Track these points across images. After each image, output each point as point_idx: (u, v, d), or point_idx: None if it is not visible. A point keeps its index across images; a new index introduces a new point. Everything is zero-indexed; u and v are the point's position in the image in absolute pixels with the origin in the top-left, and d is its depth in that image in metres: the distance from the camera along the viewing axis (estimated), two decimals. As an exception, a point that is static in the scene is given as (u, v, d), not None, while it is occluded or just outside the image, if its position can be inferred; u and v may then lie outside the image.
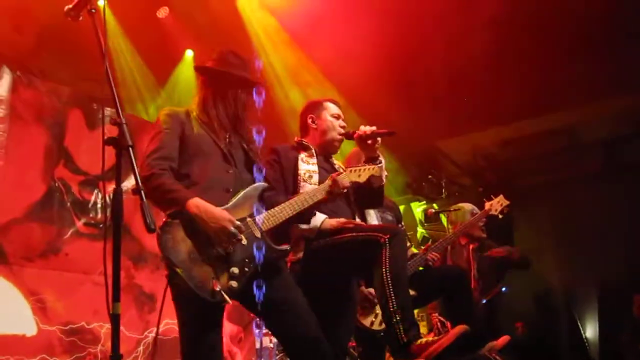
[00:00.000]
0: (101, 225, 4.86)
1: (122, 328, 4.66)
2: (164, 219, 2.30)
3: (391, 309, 2.69)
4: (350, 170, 3.00)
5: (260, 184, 2.59)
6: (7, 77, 4.40)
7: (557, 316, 7.66)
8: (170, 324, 4.75)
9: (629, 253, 6.72)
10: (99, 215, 4.88)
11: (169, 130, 2.52)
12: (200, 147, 2.54)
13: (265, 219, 2.51)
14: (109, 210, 4.94)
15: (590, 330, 7.47)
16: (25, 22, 4.72)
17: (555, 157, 7.05)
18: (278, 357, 5.42)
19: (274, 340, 5.37)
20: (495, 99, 6.13)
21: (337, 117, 3.32)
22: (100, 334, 4.61)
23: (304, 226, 2.97)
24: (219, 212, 2.35)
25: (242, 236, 2.38)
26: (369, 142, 3.08)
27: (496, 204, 4.44)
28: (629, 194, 6.76)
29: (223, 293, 2.24)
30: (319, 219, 3.00)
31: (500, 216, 4.46)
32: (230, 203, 2.45)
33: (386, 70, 5.81)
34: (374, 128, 3.13)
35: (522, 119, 6.52)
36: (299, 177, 3.09)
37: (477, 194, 7.36)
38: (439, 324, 4.64)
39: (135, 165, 2.03)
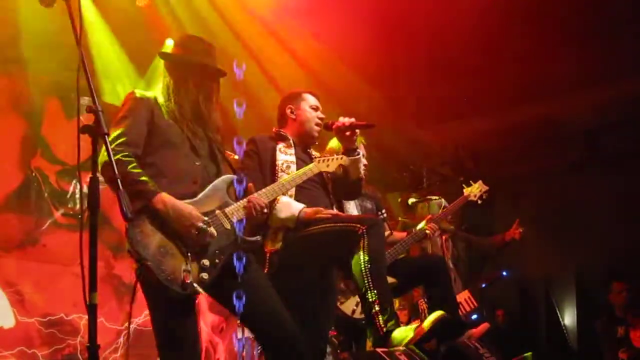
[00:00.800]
0: (79, 216, 4.81)
1: (101, 319, 4.65)
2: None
3: (370, 300, 2.73)
4: (319, 160, 3.03)
5: (228, 176, 2.59)
6: (-19, 66, 4.33)
7: (536, 304, 7.76)
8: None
9: (607, 242, 6.81)
10: (78, 206, 4.82)
11: (137, 115, 2.48)
12: (169, 137, 2.51)
13: (235, 210, 2.50)
14: (87, 200, 4.89)
15: (569, 318, 7.58)
16: (2, 11, 4.65)
17: (536, 147, 7.10)
18: (259, 347, 5.43)
19: (249, 331, 5.37)
20: (477, 89, 6.16)
21: (316, 109, 3.33)
22: (80, 326, 4.58)
23: (282, 215, 2.97)
24: (187, 209, 2.34)
25: (212, 229, 2.37)
26: (347, 133, 3.10)
27: (475, 190, 4.45)
28: (609, 183, 6.84)
29: (194, 285, 2.24)
30: (296, 207, 2.99)
31: (479, 202, 4.46)
32: (199, 196, 2.44)
33: (366, 60, 5.79)
34: (352, 120, 3.14)
35: (503, 109, 6.55)
36: (276, 167, 3.10)
37: (458, 184, 7.40)
38: (426, 310, 4.66)
39: (111, 153, 2.00)
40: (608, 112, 6.59)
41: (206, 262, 2.32)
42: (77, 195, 4.90)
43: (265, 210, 2.60)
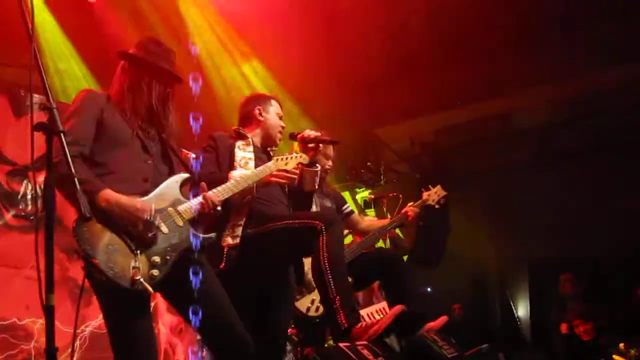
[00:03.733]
0: (32, 217, 4.66)
1: (56, 323, 4.50)
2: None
3: (331, 296, 2.75)
4: (278, 159, 3.03)
5: (182, 175, 2.57)
6: None
7: (491, 297, 7.95)
8: (107, 317, 4.64)
9: (557, 236, 7.03)
10: (29, 207, 4.68)
11: (85, 113, 2.43)
12: (119, 136, 2.47)
13: (187, 207, 2.48)
14: (39, 202, 4.75)
15: (522, 310, 7.80)
16: None
17: (489, 144, 7.27)
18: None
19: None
20: (432, 86, 6.26)
21: (280, 117, 3.41)
22: (34, 330, 4.44)
23: (242, 186, 2.92)
24: (130, 202, 2.29)
25: (163, 225, 2.35)
26: (311, 146, 3.12)
27: (433, 194, 4.45)
28: (560, 180, 7.07)
29: (143, 282, 2.20)
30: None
31: (437, 206, 4.52)
32: (150, 195, 2.41)
33: (324, 57, 5.81)
34: (318, 134, 3.17)
35: (458, 107, 6.68)
36: (235, 162, 3.09)
37: (414, 181, 7.53)
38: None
39: (67, 152, 1.95)
40: (560, 110, 6.79)
41: (157, 259, 2.29)
42: (29, 197, 4.75)
43: (219, 208, 2.57)
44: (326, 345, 3.94)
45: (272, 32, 5.62)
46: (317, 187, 3.31)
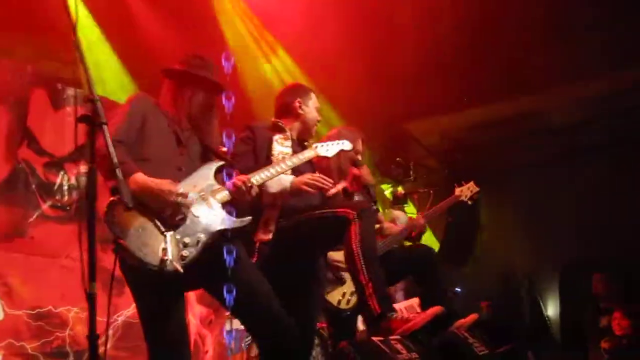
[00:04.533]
0: (68, 208, 4.77)
1: (90, 311, 4.56)
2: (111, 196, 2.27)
3: (363, 282, 2.78)
4: (318, 146, 3.03)
5: (214, 162, 2.60)
6: (-34, 55, 4.25)
7: (520, 296, 7.86)
8: (139, 306, 4.71)
9: (589, 235, 6.91)
10: (65, 198, 4.77)
11: (135, 107, 2.56)
12: (157, 130, 2.56)
13: (221, 190, 2.50)
14: (75, 192, 4.85)
15: (552, 309, 7.69)
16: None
17: (521, 141, 7.17)
18: (248, 338, 5.44)
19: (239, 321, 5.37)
20: (464, 82, 6.20)
21: (318, 111, 3.40)
22: (68, 318, 4.54)
23: (272, 191, 2.96)
24: (158, 184, 2.32)
25: (195, 207, 2.37)
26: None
27: (466, 190, 4.42)
28: (592, 178, 6.94)
29: (173, 262, 2.21)
30: (286, 180, 2.99)
31: (469, 202, 4.47)
32: (184, 181, 2.44)
33: (355, 51, 5.79)
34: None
35: (490, 102, 6.60)
36: (272, 157, 3.08)
37: (444, 177, 7.47)
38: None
39: (110, 143, 1.98)
40: (593, 106, 6.67)
41: (187, 240, 2.31)
42: (65, 187, 4.85)
43: (253, 189, 2.59)
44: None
45: (302, 25, 5.61)
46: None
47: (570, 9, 5.26)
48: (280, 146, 3.15)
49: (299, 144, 3.29)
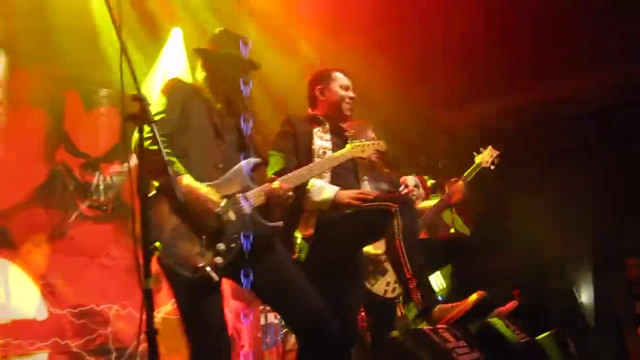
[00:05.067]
0: (104, 207, 4.85)
1: (130, 309, 4.67)
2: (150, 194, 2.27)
3: (407, 276, 2.75)
4: (354, 145, 3.01)
5: (252, 159, 2.58)
6: (2, 60, 4.33)
7: (553, 283, 7.79)
8: (177, 303, 4.77)
9: (622, 219, 6.83)
10: (102, 197, 4.85)
11: (173, 97, 2.53)
12: (196, 121, 2.53)
13: (256, 194, 2.49)
14: (111, 192, 4.92)
15: (585, 296, 7.61)
16: (10, 6, 4.64)
17: (551, 128, 7.09)
18: (283, 332, 5.48)
19: (279, 316, 5.41)
20: (491, 70, 6.14)
21: (347, 88, 3.28)
22: (109, 316, 4.62)
23: (316, 199, 2.97)
24: (204, 194, 2.32)
25: (231, 212, 2.36)
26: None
27: (486, 156, 4.25)
28: (622, 163, 6.84)
29: (208, 269, 2.21)
30: (331, 190, 2.99)
31: (492, 167, 4.27)
32: (220, 178, 2.44)
33: (381, 40, 5.77)
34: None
35: (518, 90, 6.54)
36: (312, 152, 3.07)
37: (472, 165, 7.39)
38: None
39: (159, 140, 2.00)
40: (622, 93, 6.56)
41: (222, 246, 2.31)
42: (102, 187, 4.92)
43: (290, 194, 2.58)
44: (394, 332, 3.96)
45: (327, 14, 5.60)
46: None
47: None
48: (320, 140, 3.14)
49: (338, 134, 3.27)
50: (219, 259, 2.27)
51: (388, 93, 6.14)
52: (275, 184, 2.54)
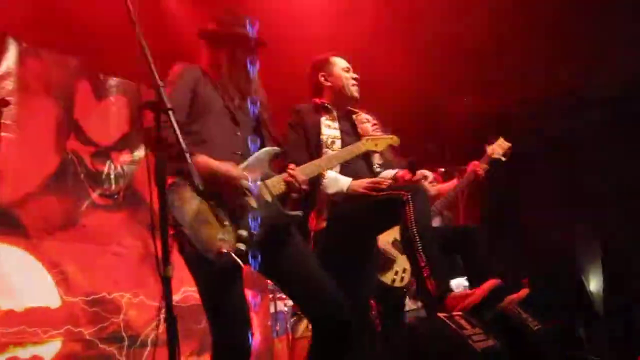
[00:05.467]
0: (115, 196, 4.87)
1: (142, 297, 4.69)
2: (171, 179, 2.24)
3: (421, 265, 2.74)
4: (367, 139, 3.00)
5: (272, 148, 2.56)
6: (13, 49, 4.32)
7: (562, 271, 7.78)
8: (189, 291, 4.80)
9: (632, 207, 6.79)
10: (113, 186, 4.87)
11: (180, 83, 2.48)
12: (210, 107, 2.50)
13: (277, 182, 2.49)
14: (122, 181, 4.93)
15: (594, 284, 7.61)
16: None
17: (561, 114, 7.04)
18: (292, 320, 5.50)
19: (289, 304, 5.43)
20: (500, 59, 6.10)
21: (348, 70, 3.28)
22: (122, 304, 4.65)
23: (329, 191, 2.97)
24: (226, 168, 2.31)
25: (252, 199, 2.34)
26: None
27: (497, 147, 4.16)
28: (633, 152, 6.79)
29: (232, 254, 2.19)
30: (343, 182, 3.00)
31: (503, 159, 4.18)
32: (242, 165, 2.42)
33: (390, 30, 5.73)
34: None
35: (527, 76, 6.49)
36: (321, 142, 3.07)
37: (480, 154, 7.38)
38: None
39: (176, 128, 1.99)
40: (634, 80, 6.50)
41: (244, 232, 2.29)
42: (112, 176, 4.92)
43: (304, 187, 2.56)
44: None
45: (336, 6, 5.56)
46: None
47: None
48: (328, 129, 3.14)
49: (347, 119, 3.26)
50: (241, 245, 2.25)
51: (395, 82, 6.11)
52: (292, 173, 2.52)
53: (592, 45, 5.95)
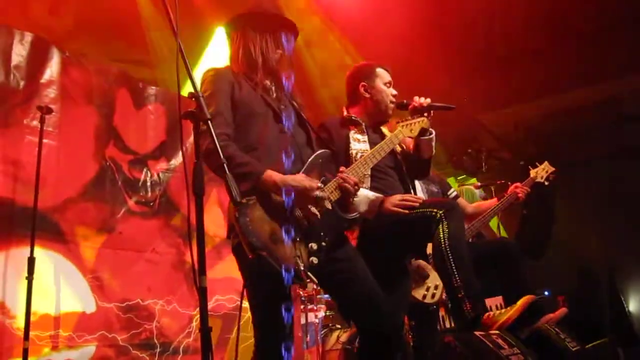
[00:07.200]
0: (151, 204, 4.91)
1: (175, 305, 4.71)
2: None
3: (455, 285, 2.67)
4: (403, 126, 2.95)
5: (323, 152, 2.51)
6: (56, 58, 4.43)
7: (600, 290, 7.58)
8: (220, 300, 4.82)
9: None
10: (149, 194, 4.93)
11: (221, 92, 2.41)
12: (251, 107, 2.43)
13: (333, 189, 2.44)
14: (158, 189, 4.99)
15: (634, 304, 7.38)
16: (60, 5, 4.76)
17: (598, 130, 6.90)
18: (323, 332, 5.46)
19: (320, 315, 5.39)
20: (538, 71, 6.02)
21: (389, 85, 3.21)
22: (155, 311, 4.68)
23: (362, 209, 2.91)
24: (297, 181, 2.26)
25: (315, 209, 2.29)
26: (425, 114, 3.05)
27: (541, 171, 4.32)
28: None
29: (309, 273, 2.16)
30: (375, 200, 2.94)
31: (546, 183, 4.34)
32: (300, 172, 2.36)
33: (425, 41, 5.71)
34: (429, 100, 3.08)
35: (565, 91, 6.38)
36: (350, 157, 3.02)
37: (517, 167, 7.26)
38: None
39: (216, 138, 1.98)
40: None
41: (314, 245, 2.25)
42: (149, 184, 4.98)
43: (357, 187, 2.52)
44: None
45: (370, 15, 5.56)
46: (434, 151, 3.24)
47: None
48: (357, 143, 3.07)
49: (375, 132, 3.21)
50: (314, 259, 2.22)
51: (431, 94, 6.05)
52: (344, 177, 2.48)
53: (631, 60, 5.82)
